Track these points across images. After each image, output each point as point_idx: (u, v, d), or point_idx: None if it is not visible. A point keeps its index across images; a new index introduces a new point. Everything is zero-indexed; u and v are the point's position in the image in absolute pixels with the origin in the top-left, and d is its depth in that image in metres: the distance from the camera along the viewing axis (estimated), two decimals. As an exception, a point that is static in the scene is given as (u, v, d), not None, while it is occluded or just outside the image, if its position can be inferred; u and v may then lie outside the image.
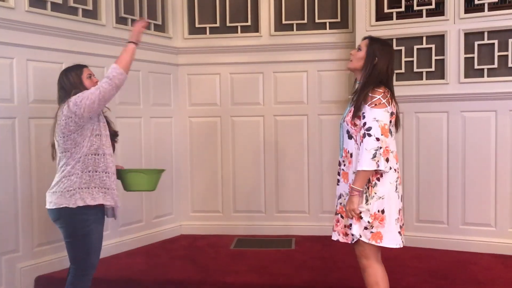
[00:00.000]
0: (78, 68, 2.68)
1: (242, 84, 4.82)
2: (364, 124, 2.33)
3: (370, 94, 2.36)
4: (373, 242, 2.38)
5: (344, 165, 2.53)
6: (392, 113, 2.39)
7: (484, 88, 4.01)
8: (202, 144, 4.89)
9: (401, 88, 4.16)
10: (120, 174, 2.75)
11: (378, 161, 2.28)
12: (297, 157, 4.78)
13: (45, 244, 3.67)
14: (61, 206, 2.50)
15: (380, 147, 2.29)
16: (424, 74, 4.22)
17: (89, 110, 2.47)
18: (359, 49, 2.52)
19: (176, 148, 4.86)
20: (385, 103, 2.34)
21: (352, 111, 2.43)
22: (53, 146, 2.66)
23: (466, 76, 4.06)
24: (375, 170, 2.32)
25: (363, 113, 2.35)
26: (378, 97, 2.34)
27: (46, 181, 2.79)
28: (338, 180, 2.60)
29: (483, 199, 4.08)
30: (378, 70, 2.43)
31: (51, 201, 2.55)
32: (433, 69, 4.18)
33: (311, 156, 4.74)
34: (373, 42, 2.50)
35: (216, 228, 4.86)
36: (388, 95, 2.39)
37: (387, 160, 2.35)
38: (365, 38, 2.56)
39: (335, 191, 2.65)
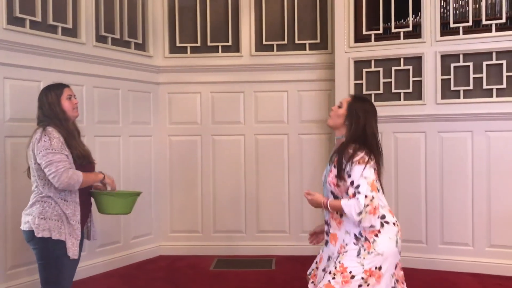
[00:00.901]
0: (58, 88, 2.63)
1: (223, 103, 4.83)
2: (352, 182, 2.23)
3: (350, 151, 2.26)
4: None
5: (331, 226, 2.41)
6: (374, 169, 2.29)
7: (461, 109, 4.09)
8: (182, 163, 4.86)
9: (379, 109, 4.14)
10: (94, 196, 2.69)
11: (362, 218, 2.17)
12: (277, 176, 4.78)
13: (19, 266, 3.56)
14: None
15: (367, 205, 2.17)
16: (402, 94, 4.29)
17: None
18: (340, 106, 2.43)
19: (155, 167, 4.82)
20: (369, 159, 2.25)
21: (333, 171, 2.34)
22: (28, 169, 2.60)
23: (443, 97, 4.15)
24: (366, 226, 2.21)
25: (348, 172, 2.25)
26: (362, 154, 2.24)
27: (22, 201, 2.72)
28: (327, 242, 2.44)
29: (460, 218, 4.13)
30: (365, 131, 2.33)
31: (26, 222, 2.49)
32: (410, 90, 4.26)
33: (292, 175, 4.75)
34: (356, 101, 2.41)
35: (195, 248, 4.80)
36: (369, 152, 2.28)
37: (383, 217, 2.27)
38: (349, 95, 2.51)
39: (316, 210, 2.55)
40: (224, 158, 4.83)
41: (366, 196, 2.17)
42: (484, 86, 4.04)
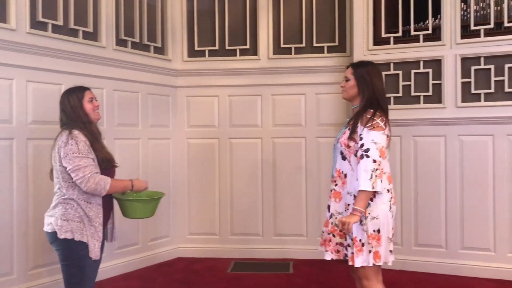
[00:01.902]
0: (80, 91, 2.66)
1: (241, 106, 4.84)
2: (362, 145, 2.37)
3: (368, 116, 2.41)
4: (374, 262, 2.40)
5: (336, 185, 2.56)
6: (387, 136, 2.43)
7: (481, 112, 4.03)
8: (199, 166, 4.88)
9: (398, 112, 4.19)
10: (117, 200, 2.72)
11: (373, 182, 2.31)
12: (295, 179, 4.77)
13: (41, 266, 3.62)
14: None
15: (377, 169, 2.32)
16: (422, 98, 4.25)
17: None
18: (347, 79, 2.57)
19: (173, 170, 4.85)
20: (383, 126, 2.39)
21: (346, 133, 2.48)
22: (51, 170, 2.64)
23: (463, 101, 4.10)
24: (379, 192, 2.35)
25: (360, 134, 2.39)
26: (377, 120, 2.39)
27: (44, 203, 2.76)
28: (330, 197, 2.62)
29: (481, 223, 4.07)
30: (376, 90, 2.48)
31: (49, 223, 2.52)
32: (430, 93, 4.22)
33: (309, 179, 4.73)
34: (356, 67, 2.57)
35: (213, 251, 4.81)
36: (385, 119, 2.44)
37: (383, 180, 2.39)
38: (347, 67, 2.63)
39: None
40: (242, 161, 4.84)
41: (374, 161, 2.32)
42: (506, 89, 3.97)
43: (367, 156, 2.33)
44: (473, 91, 4.07)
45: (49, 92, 3.66)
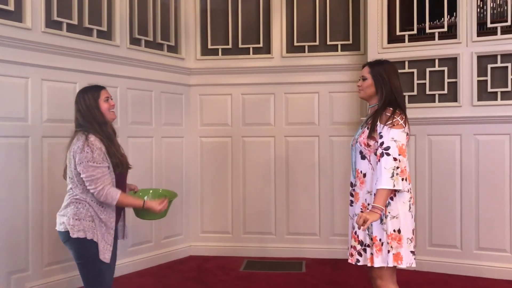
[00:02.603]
0: (96, 90, 2.64)
1: (254, 104, 4.83)
2: (382, 143, 2.35)
3: (388, 114, 2.39)
4: (395, 264, 2.36)
5: (356, 185, 2.54)
6: (407, 134, 2.41)
7: (498, 111, 3.97)
8: (212, 164, 4.89)
9: (413, 111, 4.15)
10: None
11: (395, 180, 2.29)
12: (308, 178, 4.75)
13: (55, 263, 3.66)
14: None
15: (398, 167, 2.30)
16: (437, 96, 4.20)
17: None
18: (364, 78, 2.55)
19: (186, 168, 4.87)
20: (403, 124, 2.37)
21: (365, 132, 2.45)
22: (65, 169, 2.64)
23: (479, 99, 4.04)
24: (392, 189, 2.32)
25: (380, 133, 2.37)
26: (397, 118, 2.37)
27: (58, 201, 2.77)
28: (351, 202, 2.60)
29: (497, 224, 4.01)
30: (394, 88, 2.47)
31: (61, 223, 2.54)
32: (445, 91, 4.16)
33: (322, 178, 4.71)
34: (373, 66, 2.55)
35: (225, 249, 4.82)
36: (404, 117, 2.42)
37: (404, 179, 2.36)
38: (363, 66, 2.61)
39: (347, 213, 2.63)
40: (254, 159, 4.83)
41: (395, 159, 2.30)
42: (523, 88, 3.92)
43: (388, 154, 2.31)
44: (489, 89, 4.01)
45: (64, 90, 3.69)
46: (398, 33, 4.32)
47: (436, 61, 4.20)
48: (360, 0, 4.65)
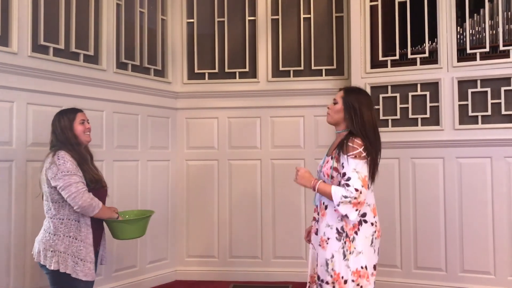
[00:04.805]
0: (72, 112, 2.68)
1: (240, 128, 4.87)
2: (344, 174, 2.28)
3: (350, 145, 2.30)
4: None
5: (317, 220, 2.46)
6: (376, 164, 2.36)
7: (479, 134, 4.05)
8: (198, 188, 4.88)
9: (396, 134, 4.21)
10: (106, 223, 2.72)
11: (344, 204, 2.22)
12: (294, 201, 4.76)
13: (37, 289, 3.59)
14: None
15: (355, 198, 2.21)
16: (419, 120, 4.28)
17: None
18: (335, 102, 2.48)
19: (172, 191, 4.85)
20: (366, 155, 2.29)
21: (329, 162, 2.39)
22: (42, 195, 2.64)
23: (460, 123, 4.12)
24: (348, 219, 2.26)
25: (343, 163, 2.30)
26: (359, 149, 2.28)
27: (42, 224, 2.76)
28: (316, 230, 2.49)
29: (481, 246, 4.05)
30: (364, 120, 2.37)
31: (38, 251, 2.54)
32: (428, 115, 4.24)
33: (308, 200, 4.73)
34: (348, 93, 2.46)
35: (212, 273, 4.77)
36: (370, 149, 2.33)
37: (363, 215, 2.32)
38: (339, 90, 2.54)
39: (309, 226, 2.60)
40: (241, 182, 4.84)
41: (356, 190, 2.22)
42: (503, 112, 4.00)
43: (348, 185, 2.23)
44: (470, 113, 4.10)
45: (49, 114, 3.63)
46: (381, 58, 4.42)
47: (418, 85, 4.29)
48: (344, 26, 4.75)
